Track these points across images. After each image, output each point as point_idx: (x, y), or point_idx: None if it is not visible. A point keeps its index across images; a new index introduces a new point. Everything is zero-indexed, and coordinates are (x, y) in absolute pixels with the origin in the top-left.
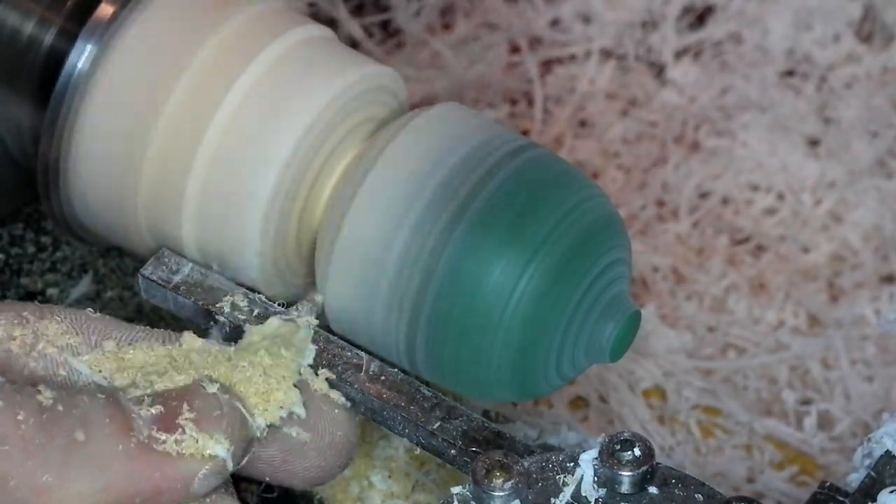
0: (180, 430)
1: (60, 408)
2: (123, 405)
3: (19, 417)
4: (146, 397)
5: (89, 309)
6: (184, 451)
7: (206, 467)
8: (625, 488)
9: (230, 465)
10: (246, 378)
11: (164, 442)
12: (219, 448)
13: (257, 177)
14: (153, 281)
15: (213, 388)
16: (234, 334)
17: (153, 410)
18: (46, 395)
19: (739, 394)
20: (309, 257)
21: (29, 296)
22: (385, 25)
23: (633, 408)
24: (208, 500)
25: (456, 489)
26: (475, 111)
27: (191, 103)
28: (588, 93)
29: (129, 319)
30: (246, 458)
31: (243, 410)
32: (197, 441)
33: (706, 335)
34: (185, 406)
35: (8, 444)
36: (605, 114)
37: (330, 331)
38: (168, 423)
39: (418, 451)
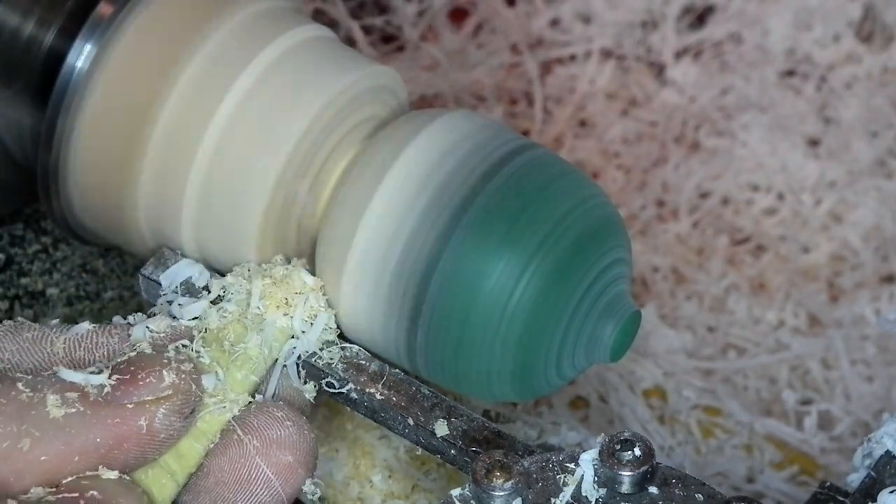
0: (134, 387)
1: (7, 381)
2: (67, 377)
3: None
4: (101, 370)
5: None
6: (139, 400)
7: (164, 406)
8: (625, 488)
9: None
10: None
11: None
12: (169, 377)
13: (257, 176)
14: (153, 281)
15: (170, 353)
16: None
17: (102, 379)
18: None
19: (739, 394)
20: (309, 256)
21: (29, 296)
22: (385, 26)
23: (633, 408)
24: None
25: (455, 491)
26: (475, 112)
27: (191, 103)
28: (588, 93)
29: None
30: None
31: (192, 372)
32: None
33: (706, 335)
34: (139, 368)
35: None
36: (605, 114)
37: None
38: (121, 385)
39: (419, 451)
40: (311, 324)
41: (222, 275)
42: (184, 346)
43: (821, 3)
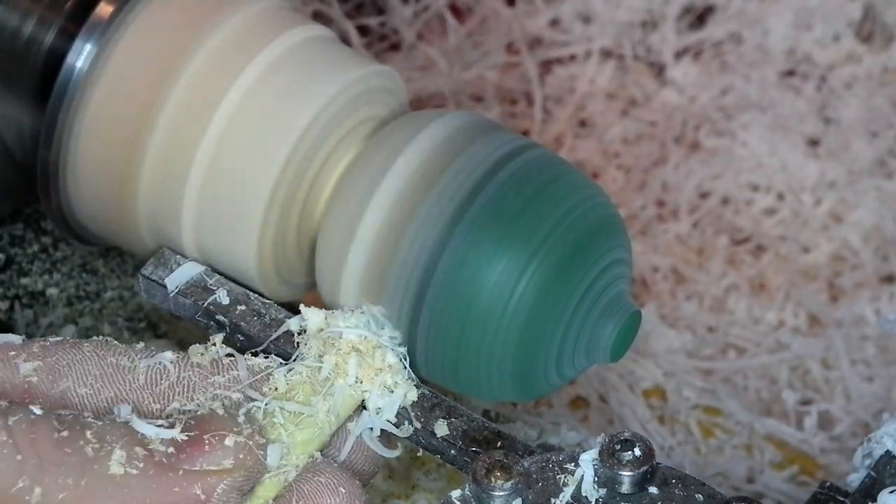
0: (200, 452)
1: (77, 427)
2: (138, 427)
3: (33, 436)
4: (167, 419)
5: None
6: (201, 468)
7: (224, 483)
8: (625, 488)
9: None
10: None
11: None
12: (235, 448)
13: (257, 176)
14: (153, 281)
15: (240, 418)
16: (235, 332)
17: (174, 433)
18: (61, 419)
19: (739, 394)
20: (309, 257)
21: (29, 296)
22: (382, 27)
23: (633, 408)
24: None
25: (455, 493)
26: (475, 112)
27: (190, 103)
28: (588, 93)
29: (129, 319)
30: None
31: (259, 443)
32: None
33: (706, 335)
34: (206, 430)
35: (23, 460)
36: (605, 114)
37: None
38: (187, 447)
39: (420, 452)
40: (390, 392)
41: (223, 275)
42: (256, 405)
43: (821, 3)
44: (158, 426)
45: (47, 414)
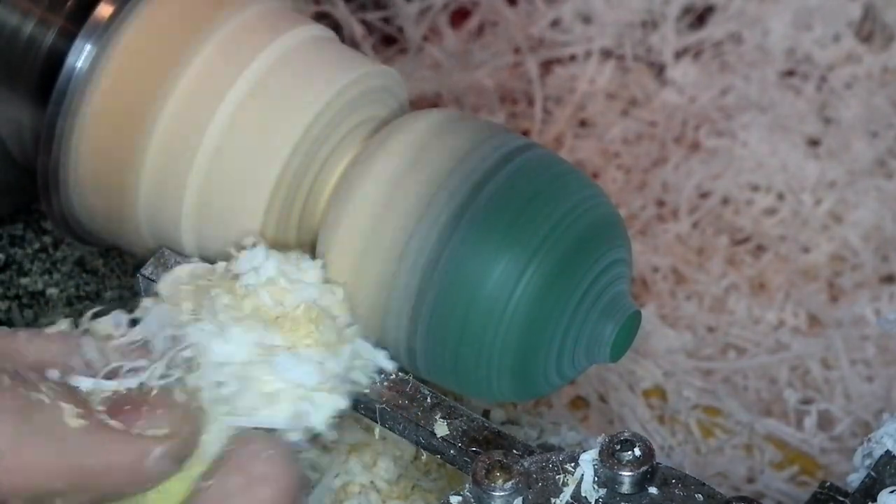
0: (137, 416)
1: (13, 381)
2: (77, 383)
3: None
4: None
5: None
6: (141, 432)
7: (161, 447)
8: (625, 488)
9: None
10: None
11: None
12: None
13: (258, 176)
14: (153, 281)
15: (181, 397)
16: None
17: (114, 385)
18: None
19: (739, 394)
20: (309, 256)
21: (29, 296)
22: (386, 26)
23: (633, 408)
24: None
25: (455, 498)
26: (473, 115)
27: (191, 103)
28: (588, 93)
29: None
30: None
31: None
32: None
33: (706, 335)
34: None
35: None
36: (605, 114)
37: None
38: (122, 409)
39: (423, 455)
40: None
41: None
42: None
43: (821, 3)
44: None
45: None
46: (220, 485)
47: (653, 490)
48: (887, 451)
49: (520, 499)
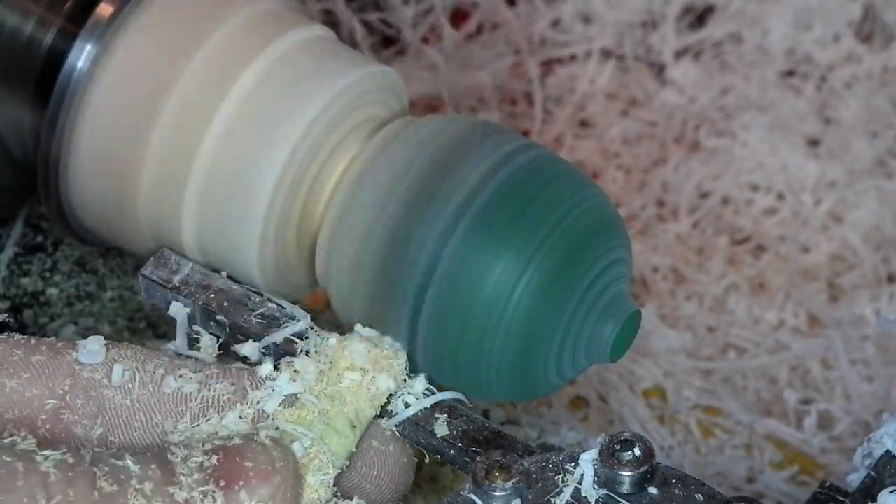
0: (233, 490)
1: (117, 476)
2: (170, 472)
3: (70, 495)
4: (197, 453)
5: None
6: None
7: None
8: (625, 488)
9: None
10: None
11: (215, 502)
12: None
13: (258, 177)
14: (153, 281)
15: (267, 441)
16: (234, 332)
17: (204, 474)
18: (96, 471)
19: (739, 394)
20: (309, 257)
21: (29, 296)
22: (385, 27)
23: (633, 408)
24: None
25: (454, 495)
26: (473, 116)
27: (191, 103)
28: (588, 93)
29: (129, 319)
30: None
31: (297, 464)
32: (250, 497)
33: (706, 335)
34: (238, 461)
35: None
36: (605, 114)
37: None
38: (221, 482)
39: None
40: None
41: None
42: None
43: (821, 3)
44: (188, 458)
45: (81, 458)
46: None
47: (653, 490)
48: (887, 451)
49: (519, 499)
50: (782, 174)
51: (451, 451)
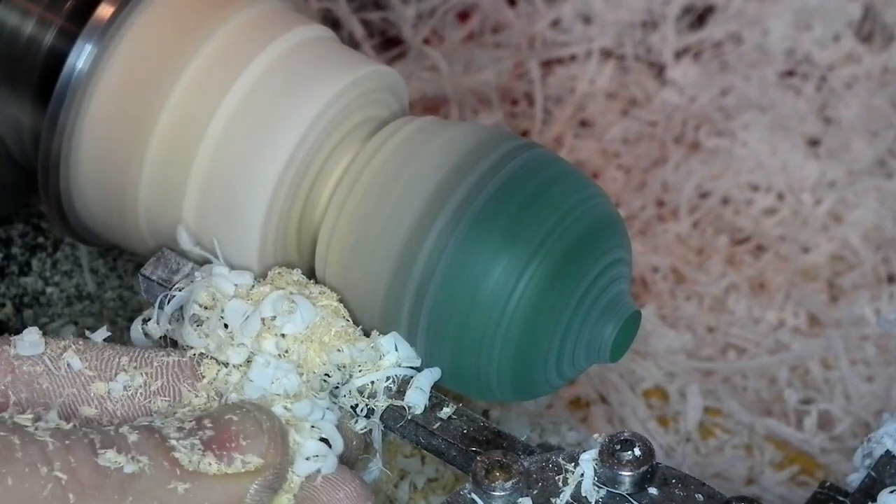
0: (226, 452)
1: (107, 450)
2: (163, 437)
3: (72, 461)
4: (185, 422)
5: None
6: (231, 471)
7: (256, 483)
8: (625, 488)
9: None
10: None
11: (210, 465)
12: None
13: (258, 177)
14: (153, 281)
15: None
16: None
17: (195, 439)
18: (93, 438)
19: (739, 394)
20: (309, 257)
21: (29, 296)
22: (388, 27)
23: (634, 408)
24: None
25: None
26: (472, 116)
27: (191, 103)
28: (588, 93)
29: (129, 319)
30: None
31: (282, 421)
32: (244, 457)
33: (706, 335)
34: (229, 426)
35: (67, 490)
36: (605, 114)
37: None
38: (213, 446)
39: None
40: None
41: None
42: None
43: (821, 3)
44: (180, 428)
45: (78, 431)
46: None
47: (653, 490)
48: (887, 451)
49: (519, 499)
50: (782, 174)
51: (452, 451)
